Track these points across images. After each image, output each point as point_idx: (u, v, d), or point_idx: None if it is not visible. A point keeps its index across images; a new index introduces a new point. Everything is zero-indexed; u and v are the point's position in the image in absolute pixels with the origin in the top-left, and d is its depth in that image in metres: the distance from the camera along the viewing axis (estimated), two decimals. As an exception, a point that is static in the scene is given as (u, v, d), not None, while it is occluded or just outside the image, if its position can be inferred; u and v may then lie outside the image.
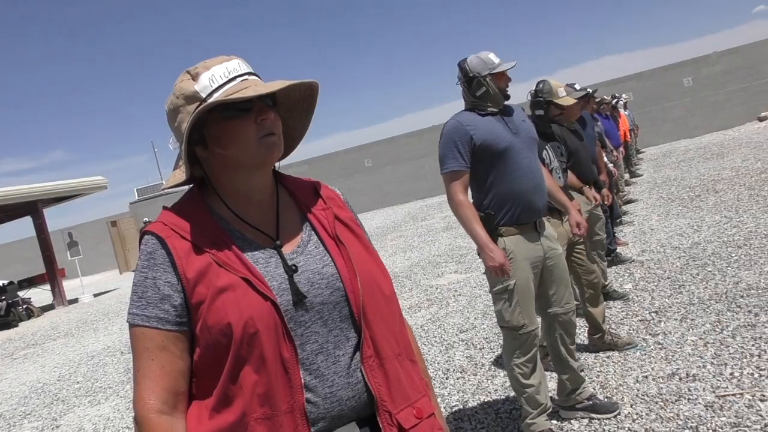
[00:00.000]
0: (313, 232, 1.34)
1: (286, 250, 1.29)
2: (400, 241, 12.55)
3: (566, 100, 4.17)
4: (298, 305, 1.22)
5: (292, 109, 1.38)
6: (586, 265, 4.00)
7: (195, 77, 1.27)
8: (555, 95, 4.11)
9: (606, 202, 5.30)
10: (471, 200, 3.10)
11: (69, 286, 18.68)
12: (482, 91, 3.05)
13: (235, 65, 1.28)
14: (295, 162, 24.60)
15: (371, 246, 1.38)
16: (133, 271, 25.52)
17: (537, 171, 3.07)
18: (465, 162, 2.99)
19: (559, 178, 3.84)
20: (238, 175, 1.29)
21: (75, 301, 16.88)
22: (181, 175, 1.28)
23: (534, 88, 4.17)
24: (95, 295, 17.24)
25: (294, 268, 1.25)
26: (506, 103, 3.16)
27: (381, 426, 1.24)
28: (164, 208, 1.32)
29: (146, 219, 22.76)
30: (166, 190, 1.34)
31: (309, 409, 1.19)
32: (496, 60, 3.06)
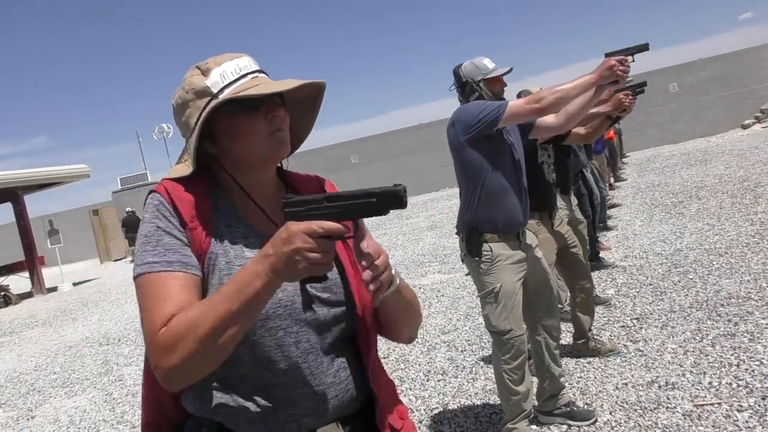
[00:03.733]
0: None
1: None
2: (384, 239, 12.54)
3: (533, 89, 4.25)
4: (305, 305, 1.24)
5: (297, 107, 1.38)
6: (581, 270, 3.99)
7: (206, 72, 1.27)
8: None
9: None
10: (460, 207, 3.11)
11: (48, 274, 18.47)
12: (475, 97, 3.07)
13: (246, 62, 1.28)
14: (280, 155, 24.45)
15: None
16: (115, 260, 24.94)
17: (524, 188, 3.10)
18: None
19: (550, 174, 3.82)
20: (244, 170, 1.29)
21: (54, 289, 16.72)
22: (186, 168, 1.27)
23: (518, 95, 4.23)
24: (75, 284, 17.08)
25: None
26: None
27: (381, 429, 1.30)
28: (164, 179, 1.29)
29: (129, 209, 22.57)
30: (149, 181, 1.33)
31: (297, 403, 1.23)
32: (490, 65, 3.09)
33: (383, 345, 5.24)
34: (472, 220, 3.04)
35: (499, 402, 3.28)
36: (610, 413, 3.26)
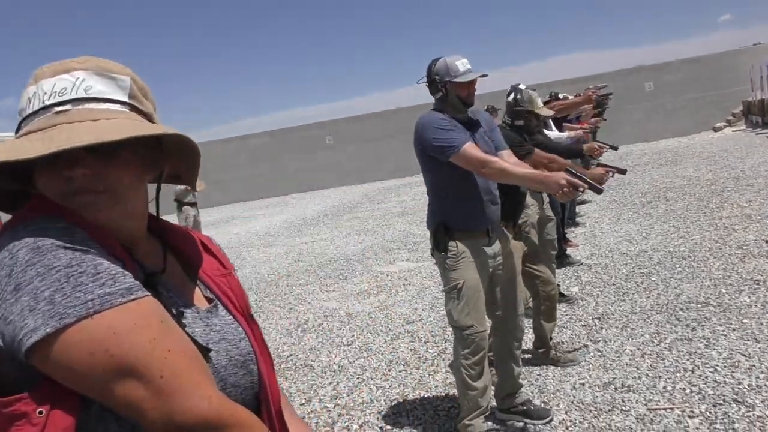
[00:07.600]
0: (214, 297, 1.12)
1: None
2: (355, 222, 12.53)
3: (544, 110, 4.23)
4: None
5: (174, 152, 1.06)
6: (544, 276, 4.02)
7: (32, 83, 0.96)
8: (535, 105, 4.14)
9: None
10: (429, 202, 3.13)
11: None
12: (439, 96, 3.08)
13: (67, 84, 0.93)
14: (257, 133, 24.40)
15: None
16: None
17: (493, 191, 3.10)
18: (466, 134, 2.98)
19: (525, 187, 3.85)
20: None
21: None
22: None
23: (512, 96, 4.19)
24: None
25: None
26: (475, 110, 3.16)
27: None
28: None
29: None
30: None
31: None
32: (462, 68, 3.04)
33: (347, 333, 5.25)
34: (440, 215, 3.06)
35: (458, 396, 3.32)
36: (566, 413, 3.31)
